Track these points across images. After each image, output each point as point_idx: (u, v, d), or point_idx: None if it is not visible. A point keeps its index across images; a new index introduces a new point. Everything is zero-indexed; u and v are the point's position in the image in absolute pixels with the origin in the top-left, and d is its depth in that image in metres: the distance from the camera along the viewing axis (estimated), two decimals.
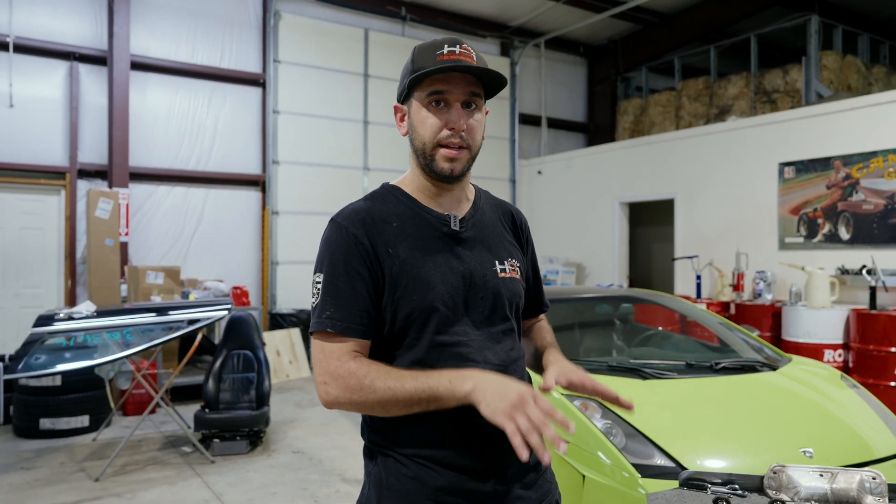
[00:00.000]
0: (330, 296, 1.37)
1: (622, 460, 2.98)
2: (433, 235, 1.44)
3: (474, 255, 1.48)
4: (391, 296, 1.38)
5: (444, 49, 1.40)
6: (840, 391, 3.67)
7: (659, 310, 5.33)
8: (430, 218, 1.46)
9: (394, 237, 1.41)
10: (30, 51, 7.36)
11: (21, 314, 7.33)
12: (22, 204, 7.44)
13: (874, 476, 1.80)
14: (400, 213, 1.45)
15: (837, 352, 6.28)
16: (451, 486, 1.38)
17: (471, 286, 1.44)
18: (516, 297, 1.54)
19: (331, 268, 1.38)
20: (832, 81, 8.78)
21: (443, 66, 1.36)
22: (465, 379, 1.26)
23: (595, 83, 11.99)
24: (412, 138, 1.45)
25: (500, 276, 1.50)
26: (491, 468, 1.41)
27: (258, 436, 5.23)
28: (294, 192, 8.88)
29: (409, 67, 1.43)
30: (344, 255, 1.38)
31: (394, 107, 1.51)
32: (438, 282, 1.40)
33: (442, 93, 1.39)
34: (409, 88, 1.43)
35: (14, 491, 4.21)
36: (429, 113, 1.40)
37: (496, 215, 1.61)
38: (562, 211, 10.37)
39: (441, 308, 1.39)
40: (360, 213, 1.43)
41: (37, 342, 4.34)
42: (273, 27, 8.73)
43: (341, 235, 1.39)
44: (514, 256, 1.57)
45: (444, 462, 1.38)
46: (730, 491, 1.85)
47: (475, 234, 1.50)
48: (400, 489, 1.38)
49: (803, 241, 7.10)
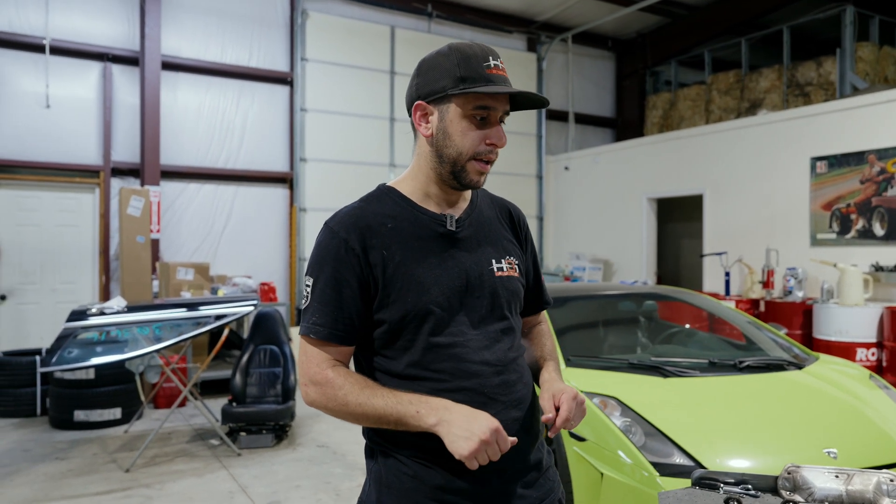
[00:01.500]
0: (317, 301, 1.39)
1: (641, 459, 2.97)
2: (429, 236, 1.45)
3: (471, 254, 1.48)
4: (386, 298, 1.39)
5: (490, 62, 1.40)
6: (869, 391, 3.59)
7: (684, 307, 5.27)
8: (426, 219, 1.46)
9: (388, 239, 1.41)
10: (65, 52, 7.55)
11: (57, 309, 7.54)
12: (58, 202, 7.65)
13: (892, 478, 1.76)
14: (395, 214, 1.45)
15: (871, 350, 6.14)
16: (450, 485, 1.39)
17: (467, 286, 1.44)
18: (514, 295, 1.53)
19: (319, 273, 1.40)
20: (868, 74, 8.55)
21: (505, 89, 1.38)
22: (432, 412, 1.29)
23: (623, 77, 11.86)
24: (442, 144, 1.42)
25: (498, 274, 1.49)
26: (490, 467, 1.39)
27: (283, 429, 5.32)
28: (321, 190, 8.97)
29: (456, 73, 1.38)
30: (333, 261, 1.39)
31: (417, 104, 1.44)
32: (433, 283, 1.40)
33: (488, 109, 1.40)
34: (446, 93, 1.40)
35: (48, 480, 4.35)
36: (470, 125, 1.40)
37: (494, 213, 1.60)
38: (589, 207, 10.29)
39: (436, 310, 1.39)
40: (353, 216, 1.43)
41: (69, 336, 4.47)
42: (300, 26, 8.82)
43: (332, 241, 1.40)
44: (512, 254, 1.56)
45: (443, 461, 1.38)
46: (742, 491, 1.83)
47: (472, 233, 1.50)
48: (400, 487, 1.40)
49: (836, 238, 6.94)
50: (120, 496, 4.09)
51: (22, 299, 7.48)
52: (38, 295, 7.55)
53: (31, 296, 7.52)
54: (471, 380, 1.41)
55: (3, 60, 7.31)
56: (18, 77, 7.38)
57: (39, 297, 7.56)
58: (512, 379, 1.47)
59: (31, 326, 7.48)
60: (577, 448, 3.27)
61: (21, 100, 7.39)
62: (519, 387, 1.49)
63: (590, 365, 3.75)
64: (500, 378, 1.45)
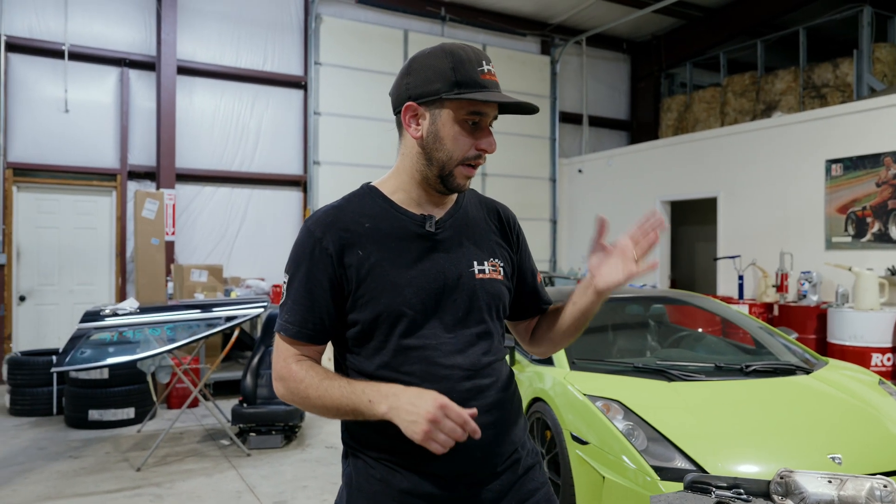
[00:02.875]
0: (291, 300, 1.41)
1: (643, 462, 2.96)
2: (406, 237, 1.43)
3: (450, 256, 1.45)
4: (360, 298, 1.39)
5: (483, 66, 1.39)
6: (877, 396, 3.55)
7: (694, 311, 5.24)
8: (405, 219, 1.45)
9: (365, 239, 1.40)
10: (83, 58, 7.69)
11: (75, 310, 7.66)
12: (76, 204, 7.78)
13: (885, 484, 1.75)
14: (374, 213, 1.44)
15: (886, 356, 6.05)
16: (417, 489, 1.39)
17: (443, 288, 1.42)
18: (495, 298, 1.50)
19: (295, 272, 1.41)
20: (885, 75, 8.44)
21: (501, 98, 1.37)
22: (382, 400, 1.29)
23: (638, 80, 11.81)
24: (432, 147, 1.40)
25: (479, 276, 1.46)
26: (457, 472, 1.40)
27: (293, 430, 5.36)
28: (334, 192, 8.94)
29: (451, 77, 1.36)
30: (307, 261, 1.40)
31: (408, 105, 1.40)
32: (407, 284, 1.39)
33: (481, 115, 1.39)
34: (439, 96, 1.37)
35: (61, 478, 4.43)
36: (462, 130, 1.39)
37: (481, 214, 1.57)
38: (602, 210, 10.23)
39: (408, 312, 1.38)
40: (331, 216, 1.43)
41: (83, 337, 4.55)
42: (314, 30, 8.89)
43: (307, 240, 1.41)
44: (497, 256, 1.53)
45: (410, 466, 1.39)
46: (734, 495, 1.82)
47: (452, 234, 1.48)
48: (367, 490, 1.41)
49: (851, 241, 6.86)
50: (130, 494, 4.16)
51: (41, 300, 7.62)
52: (56, 296, 7.69)
53: (50, 297, 7.66)
54: (439, 383, 1.38)
55: (24, 66, 7.46)
56: (38, 82, 7.53)
57: (58, 298, 7.70)
58: (484, 383, 1.44)
59: (49, 327, 7.62)
60: (579, 451, 3.27)
61: (41, 104, 7.54)
62: (492, 391, 1.46)
63: (594, 368, 3.75)
64: (472, 382, 1.42)
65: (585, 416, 3.31)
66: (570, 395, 3.47)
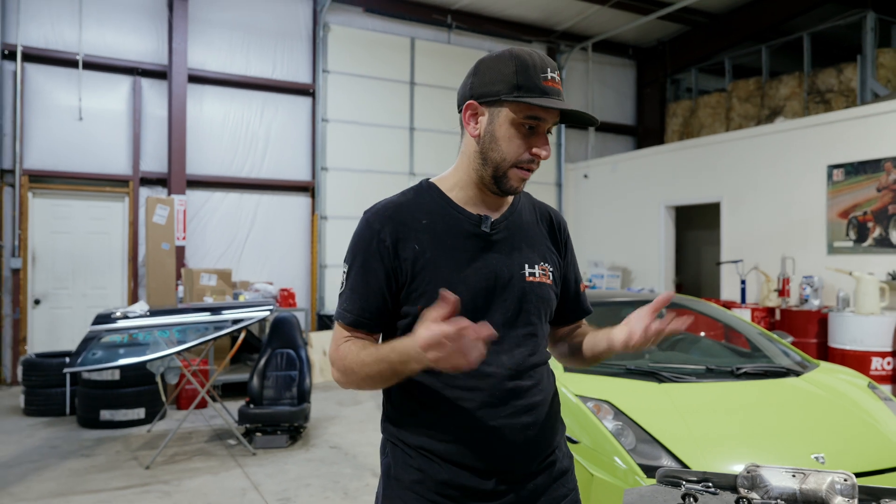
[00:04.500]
0: (349, 289, 1.45)
1: (631, 461, 3.05)
2: (462, 235, 1.45)
3: (503, 257, 1.48)
4: (413, 291, 1.42)
5: (547, 74, 1.41)
6: (867, 398, 3.61)
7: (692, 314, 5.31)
8: (462, 218, 1.47)
9: (421, 233, 1.43)
10: (97, 67, 7.89)
11: (88, 313, 7.83)
12: (90, 210, 7.97)
13: (846, 478, 1.83)
14: (432, 210, 1.47)
15: (886, 360, 6.09)
16: (453, 481, 1.42)
17: (494, 288, 1.45)
18: (544, 302, 1.52)
19: (353, 262, 1.46)
20: (889, 80, 8.47)
21: (557, 104, 1.38)
22: (409, 355, 1.27)
23: (644, 85, 11.89)
24: (488, 147, 1.43)
25: (529, 279, 1.49)
26: (494, 468, 1.43)
27: (298, 431, 5.49)
28: (342, 198, 9.18)
29: (513, 80, 1.39)
30: (364, 251, 1.44)
31: (469, 103, 1.44)
32: (460, 281, 1.41)
33: (538, 120, 1.41)
34: (499, 97, 1.40)
35: (73, 475, 4.57)
36: (517, 133, 1.41)
37: (534, 218, 1.60)
38: (608, 214, 10.33)
39: (460, 308, 1.37)
40: (390, 209, 1.46)
41: (94, 339, 4.71)
42: (322, 39, 9.05)
43: (366, 231, 1.45)
44: (547, 261, 1.56)
45: (448, 457, 1.41)
46: (702, 488, 1.92)
47: (507, 235, 1.50)
48: (406, 480, 1.44)
49: (853, 246, 6.90)
50: (139, 491, 4.29)
51: (55, 304, 7.81)
52: (70, 299, 7.87)
53: (64, 300, 7.85)
54: (483, 380, 1.42)
55: (39, 75, 7.67)
56: (53, 91, 7.73)
57: (71, 302, 7.88)
58: (526, 384, 1.47)
59: (63, 330, 7.81)
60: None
61: (55, 113, 7.74)
62: (533, 392, 1.48)
63: (587, 370, 3.84)
64: (514, 382, 1.45)
65: (577, 417, 3.40)
66: (562, 396, 3.55)
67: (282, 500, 4.18)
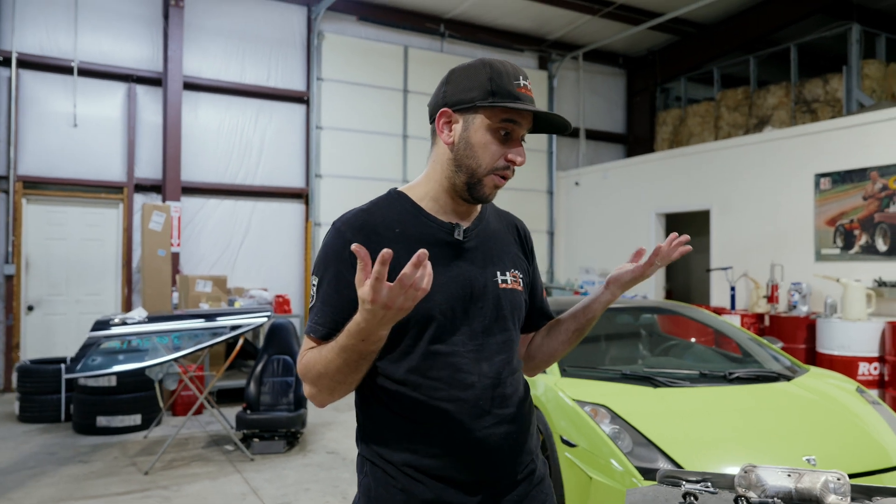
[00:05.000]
0: (320, 301, 1.40)
1: (628, 464, 3.12)
2: (435, 244, 1.44)
3: (476, 264, 1.48)
4: None
5: (520, 80, 1.42)
6: (855, 402, 3.71)
7: (683, 321, 5.41)
8: (434, 226, 1.46)
9: (395, 243, 1.38)
10: (92, 74, 7.91)
11: (82, 320, 7.84)
12: (84, 217, 7.97)
13: (839, 477, 1.91)
14: (403, 219, 1.45)
15: (873, 365, 6.21)
16: (439, 499, 1.40)
17: (471, 296, 1.44)
18: (517, 308, 1.54)
19: (324, 273, 1.41)
20: (875, 90, 8.65)
21: (533, 108, 1.41)
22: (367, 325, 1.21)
23: (634, 94, 12.03)
24: (462, 154, 1.42)
25: (502, 286, 1.50)
26: (481, 479, 1.42)
27: (295, 436, 5.53)
28: (335, 205, 9.23)
29: (487, 87, 1.40)
30: (336, 261, 1.40)
31: (443, 110, 1.44)
32: (437, 290, 1.38)
33: (513, 124, 1.41)
34: (474, 104, 1.41)
35: (72, 481, 4.59)
36: (493, 139, 1.41)
37: (502, 226, 1.61)
38: (599, 222, 10.44)
39: (438, 317, 1.39)
40: (361, 217, 1.44)
41: (93, 345, 4.73)
42: (317, 47, 9.12)
43: (337, 241, 1.41)
44: (517, 268, 1.57)
45: (434, 472, 1.39)
46: (701, 488, 1.99)
47: (478, 244, 1.51)
48: (388, 500, 1.41)
49: (840, 253, 7.03)
50: (139, 497, 4.32)
51: (49, 310, 7.79)
52: (64, 306, 7.87)
53: (58, 307, 7.84)
54: (466, 391, 1.41)
55: (34, 82, 7.68)
56: (48, 98, 7.75)
57: (65, 308, 7.87)
58: (507, 392, 1.47)
59: (57, 336, 7.79)
60: (568, 454, 3.43)
61: (50, 119, 7.75)
62: (513, 400, 1.48)
63: (584, 375, 3.92)
64: (496, 391, 1.45)
65: (574, 421, 3.48)
66: (560, 400, 3.64)
67: None
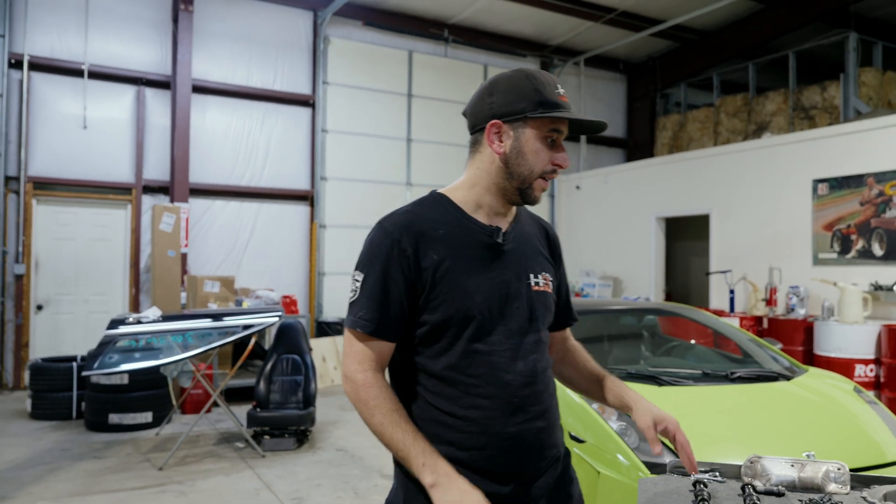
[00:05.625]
0: (365, 296, 1.46)
1: (635, 459, 3.24)
2: (477, 245, 1.51)
3: (512, 267, 1.54)
4: (433, 300, 1.46)
5: (559, 88, 1.50)
6: (853, 401, 3.84)
7: (684, 322, 5.53)
8: (476, 229, 1.53)
9: (439, 242, 1.47)
10: (102, 77, 8.02)
11: (89, 319, 7.95)
12: (93, 217, 8.08)
13: (839, 467, 2.04)
14: (446, 221, 1.52)
15: (869, 367, 6.35)
16: None
17: (507, 297, 1.51)
18: (547, 310, 1.61)
19: (370, 270, 1.47)
20: (871, 98, 8.80)
21: (580, 116, 1.51)
22: (433, 473, 1.39)
23: (634, 99, 12.18)
24: (514, 162, 1.49)
25: (534, 288, 1.57)
26: (512, 472, 1.49)
27: (305, 434, 5.64)
28: (340, 207, 9.36)
29: (535, 98, 1.47)
30: (384, 259, 1.45)
31: (493, 122, 1.50)
32: (477, 291, 1.46)
33: (559, 132, 1.51)
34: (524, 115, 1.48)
35: (88, 476, 4.70)
36: (542, 146, 1.49)
37: (533, 230, 1.68)
38: (599, 225, 10.58)
39: (477, 316, 1.46)
40: (407, 219, 1.50)
41: (110, 343, 4.84)
42: (322, 51, 9.25)
43: (385, 240, 1.47)
44: (547, 271, 1.64)
45: (467, 465, 1.45)
46: (710, 477, 2.12)
47: (515, 246, 1.57)
48: (423, 491, 1.45)
49: (837, 257, 7.17)
50: (155, 491, 4.42)
51: (57, 309, 7.89)
52: (72, 305, 7.97)
53: (66, 306, 7.94)
54: (503, 388, 1.47)
55: (45, 84, 7.78)
56: (58, 100, 7.85)
57: (73, 308, 7.97)
58: (539, 390, 1.54)
59: (65, 335, 7.89)
60: (576, 449, 3.55)
61: (60, 121, 7.85)
62: (545, 398, 1.55)
63: None
64: (530, 389, 1.51)
65: (582, 418, 3.60)
66: (568, 398, 3.75)
67: (295, 500, 4.33)
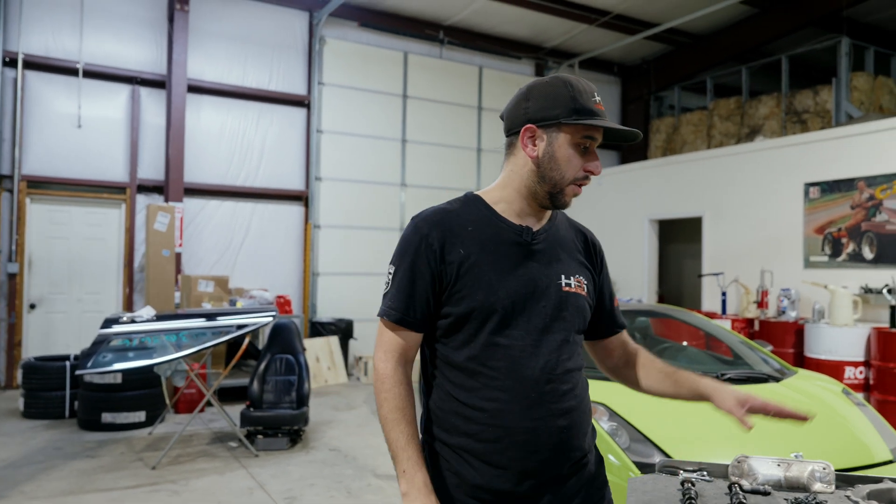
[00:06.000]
0: (395, 288, 1.55)
1: (626, 459, 3.28)
2: (505, 243, 1.55)
3: (542, 266, 1.57)
4: (457, 293, 1.52)
5: (595, 97, 1.53)
6: (841, 403, 3.88)
7: (676, 324, 5.57)
8: (505, 227, 1.58)
9: (467, 239, 1.53)
10: (97, 76, 8.02)
11: (83, 318, 7.94)
12: (86, 216, 8.07)
13: (824, 466, 2.08)
14: (477, 219, 1.57)
15: (858, 369, 6.40)
16: (487, 485, 1.51)
17: (532, 294, 1.54)
18: (579, 311, 1.62)
19: (400, 263, 1.55)
20: (863, 102, 8.87)
21: (614, 124, 1.53)
22: (408, 483, 1.46)
23: (628, 102, 12.24)
24: (547, 167, 1.53)
25: (565, 289, 1.59)
26: (527, 470, 1.51)
27: (298, 434, 5.65)
28: (335, 207, 9.37)
29: (571, 105, 1.49)
30: (413, 254, 1.53)
31: (528, 126, 1.53)
32: (502, 285, 1.51)
33: (592, 139, 1.53)
34: (559, 121, 1.50)
35: (81, 475, 4.70)
36: (575, 153, 1.51)
37: (570, 235, 1.71)
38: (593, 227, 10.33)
39: (499, 310, 1.50)
40: (438, 215, 1.57)
41: (104, 342, 4.84)
42: (318, 52, 9.26)
43: (414, 235, 1.54)
44: (581, 274, 1.66)
45: (484, 458, 1.50)
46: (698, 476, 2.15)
47: (546, 247, 1.61)
48: (442, 482, 1.53)
49: (828, 260, 7.23)
50: (149, 490, 4.43)
51: (50, 308, 7.88)
52: (65, 304, 7.95)
53: (59, 305, 7.92)
54: (522, 382, 1.50)
55: (39, 83, 7.77)
56: (53, 99, 7.84)
57: (67, 307, 7.96)
58: (562, 388, 1.55)
59: (58, 334, 7.88)
60: None
61: (55, 120, 7.84)
62: (569, 397, 1.56)
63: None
64: (550, 385, 1.52)
65: None
66: None
67: (288, 499, 4.34)
